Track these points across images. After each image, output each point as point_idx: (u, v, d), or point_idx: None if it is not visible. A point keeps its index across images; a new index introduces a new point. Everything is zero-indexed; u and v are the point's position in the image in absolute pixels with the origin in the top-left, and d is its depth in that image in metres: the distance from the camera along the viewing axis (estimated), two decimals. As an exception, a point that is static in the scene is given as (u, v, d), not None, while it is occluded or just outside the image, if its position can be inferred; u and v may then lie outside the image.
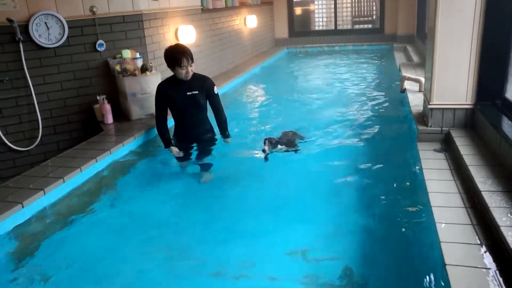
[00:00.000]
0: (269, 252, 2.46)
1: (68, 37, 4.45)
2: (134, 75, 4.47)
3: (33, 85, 4.34)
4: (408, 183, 3.11)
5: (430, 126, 3.50)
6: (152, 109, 4.22)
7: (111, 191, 3.29)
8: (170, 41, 5.36)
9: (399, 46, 9.25)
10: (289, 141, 3.80)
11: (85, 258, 2.52)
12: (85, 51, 4.59)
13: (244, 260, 2.39)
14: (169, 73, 3.80)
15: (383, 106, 5.30)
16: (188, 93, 3.71)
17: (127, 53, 4.62)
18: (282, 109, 5.44)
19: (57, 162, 3.49)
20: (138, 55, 4.72)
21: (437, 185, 2.68)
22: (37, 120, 4.41)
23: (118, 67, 4.54)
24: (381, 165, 3.46)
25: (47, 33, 4.35)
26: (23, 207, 2.79)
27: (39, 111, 4.41)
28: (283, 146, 3.68)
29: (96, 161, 3.50)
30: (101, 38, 4.62)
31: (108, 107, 4.46)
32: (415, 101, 4.34)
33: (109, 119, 4.49)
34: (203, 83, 3.80)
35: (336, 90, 6.42)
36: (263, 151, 3.53)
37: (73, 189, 3.23)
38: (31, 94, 4.34)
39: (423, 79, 4.59)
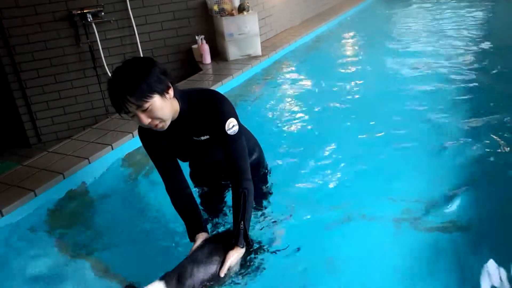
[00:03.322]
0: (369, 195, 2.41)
1: (168, -24, 4.50)
2: (232, 15, 4.44)
3: (136, 25, 4.49)
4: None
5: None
6: (249, 49, 4.16)
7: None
8: (267, -20, 5.20)
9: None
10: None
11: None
12: (184, -10, 4.62)
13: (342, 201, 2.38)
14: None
15: (500, 52, 4.77)
16: (195, 138, 1.81)
17: (224, -7, 4.58)
18: (374, 61, 4.97)
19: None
20: (235, -6, 4.66)
21: None
22: (140, 60, 4.59)
23: (216, 7, 4.53)
24: (500, 115, 3.16)
25: (149, -27, 4.43)
26: (133, 136, 2.98)
27: (142, 50, 4.58)
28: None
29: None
30: (200, -23, 4.61)
31: (206, 47, 4.51)
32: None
33: (207, 59, 4.54)
34: (207, 120, 1.74)
35: (440, 37, 5.84)
36: None
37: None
38: (134, 34, 4.51)
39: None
